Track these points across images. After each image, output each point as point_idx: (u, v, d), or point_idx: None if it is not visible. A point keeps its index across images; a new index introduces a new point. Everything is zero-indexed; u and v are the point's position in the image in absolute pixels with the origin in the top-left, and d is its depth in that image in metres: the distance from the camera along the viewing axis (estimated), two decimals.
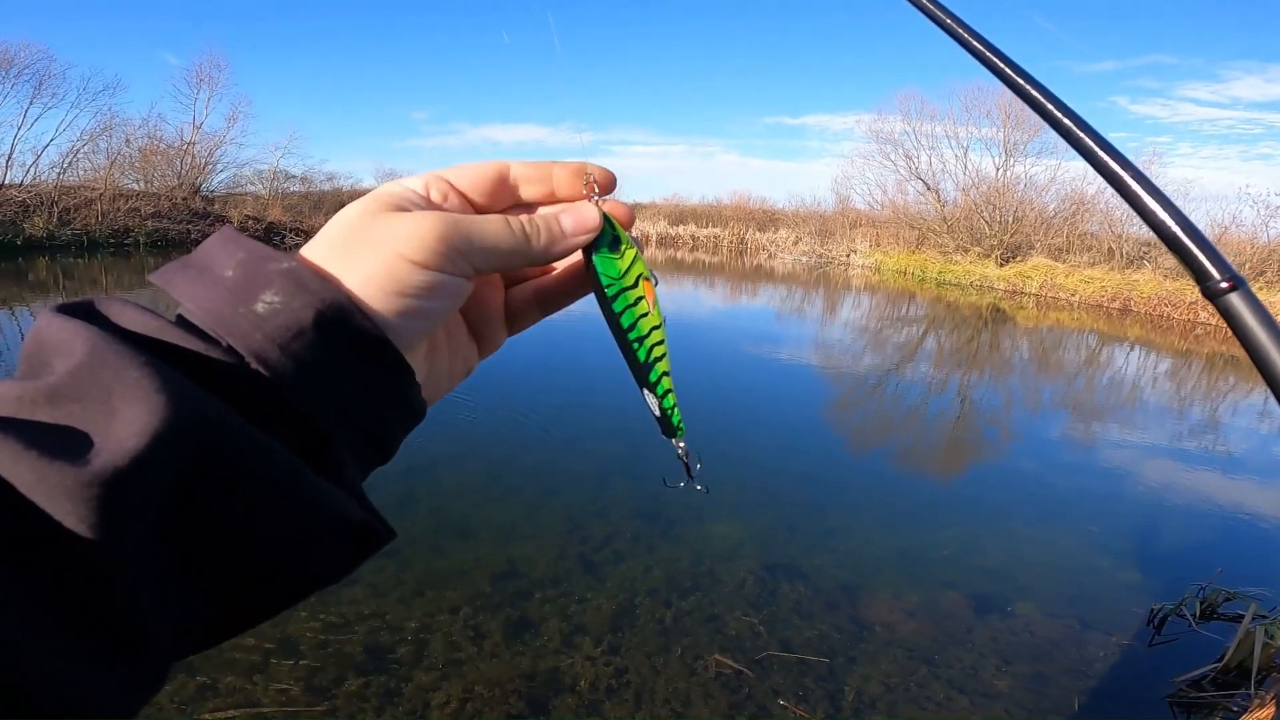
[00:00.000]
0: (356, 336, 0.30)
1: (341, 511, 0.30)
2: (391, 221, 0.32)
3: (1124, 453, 6.06)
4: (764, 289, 18.16)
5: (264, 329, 0.28)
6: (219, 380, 0.27)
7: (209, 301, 0.29)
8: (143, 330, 0.27)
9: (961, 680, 2.76)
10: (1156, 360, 11.08)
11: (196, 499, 0.26)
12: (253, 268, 0.29)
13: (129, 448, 0.23)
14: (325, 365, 0.29)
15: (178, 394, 0.25)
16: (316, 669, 2.52)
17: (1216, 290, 0.50)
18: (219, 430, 0.26)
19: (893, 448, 6.06)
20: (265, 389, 0.28)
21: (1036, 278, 18.68)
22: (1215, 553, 4.01)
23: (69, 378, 0.25)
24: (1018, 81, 0.65)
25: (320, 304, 0.29)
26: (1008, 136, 22.18)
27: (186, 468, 0.25)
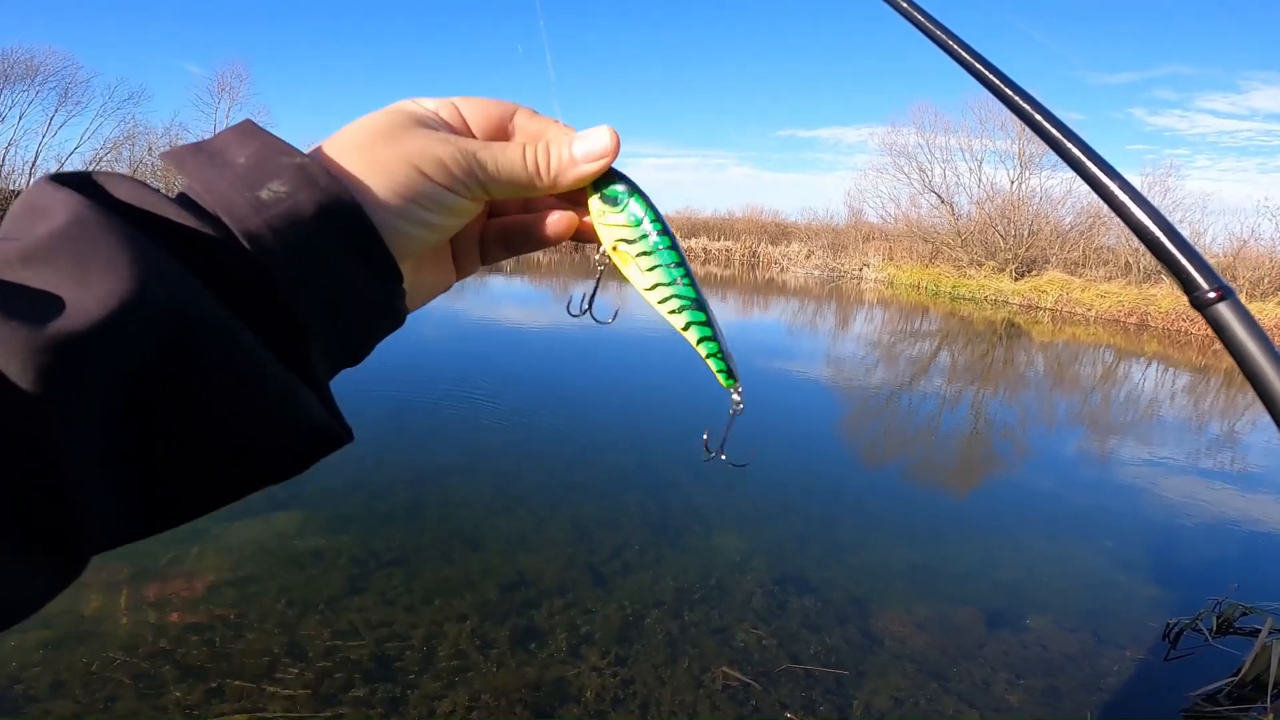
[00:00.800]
0: (355, 237, 0.30)
1: (302, 408, 0.29)
2: (418, 136, 0.33)
3: (1140, 468, 5.98)
4: (776, 303, 18.15)
5: (264, 214, 0.28)
6: (205, 260, 0.27)
7: (214, 183, 0.29)
8: (135, 202, 0.27)
9: (972, 694, 2.73)
10: (1174, 376, 10.95)
11: (155, 379, 0.25)
12: (265, 157, 0.30)
13: (92, 316, 0.23)
14: (318, 259, 0.29)
15: (153, 269, 0.25)
16: (323, 675, 2.53)
17: (1204, 300, 0.50)
18: (191, 311, 0.25)
19: (906, 462, 6.02)
20: (252, 273, 0.28)
21: (1052, 292, 18.55)
22: (1232, 567, 3.95)
23: (46, 240, 0.24)
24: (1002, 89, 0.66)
25: (325, 199, 0.29)
26: (1023, 149, 22.12)
27: (150, 345, 0.24)
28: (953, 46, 0.68)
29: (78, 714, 2.24)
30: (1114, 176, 0.56)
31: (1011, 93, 0.65)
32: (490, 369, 7.59)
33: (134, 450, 0.26)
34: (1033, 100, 0.64)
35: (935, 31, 0.70)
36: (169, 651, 2.56)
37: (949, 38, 0.69)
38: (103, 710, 2.28)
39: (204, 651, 2.59)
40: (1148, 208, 0.54)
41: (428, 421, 5.51)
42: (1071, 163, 0.60)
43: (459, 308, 11.50)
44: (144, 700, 2.34)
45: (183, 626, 2.71)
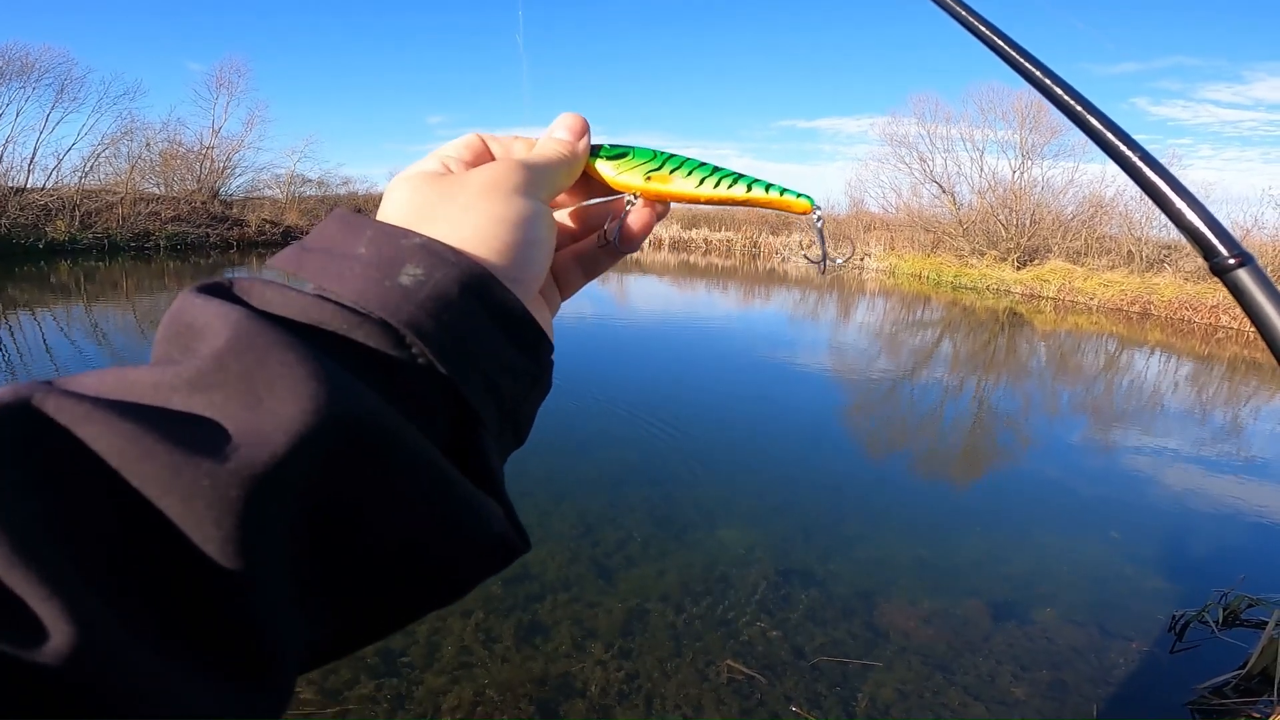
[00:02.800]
0: (499, 305, 0.29)
1: (486, 523, 0.28)
2: (477, 173, 0.33)
3: (1145, 458, 5.97)
4: (777, 293, 18.11)
5: (414, 300, 0.26)
6: (370, 362, 0.25)
7: (351, 279, 0.27)
8: (288, 311, 0.25)
9: (978, 687, 2.72)
10: (1177, 364, 10.92)
11: (340, 500, 0.23)
12: (386, 244, 0.28)
13: (275, 444, 0.21)
14: (473, 337, 0.28)
15: (329, 384, 0.23)
16: (329, 671, 2.52)
17: (1224, 266, 0.50)
18: (370, 424, 0.23)
19: (909, 453, 6.01)
20: (418, 367, 0.26)
21: (1054, 281, 18.49)
22: (1238, 559, 3.94)
23: (213, 362, 0.23)
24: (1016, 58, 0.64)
25: (462, 275, 0.28)
26: (1024, 139, 22.00)
27: (333, 466, 0.23)
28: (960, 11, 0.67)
29: None
30: (1133, 146, 0.56)
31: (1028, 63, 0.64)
32: None
33: (319, 578, 0.24)
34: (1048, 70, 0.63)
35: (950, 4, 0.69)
36: None
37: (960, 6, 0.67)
38: None
39: None
40: (1166, 175, 0.54)
41: None
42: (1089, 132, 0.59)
43: None
44: None
45: None
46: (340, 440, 0.23)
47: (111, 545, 0.20)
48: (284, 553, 0.22)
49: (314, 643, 0.25)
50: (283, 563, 0.22)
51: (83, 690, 0.18)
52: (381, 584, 0.26)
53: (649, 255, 27.59)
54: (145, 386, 0.22)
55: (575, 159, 0.37)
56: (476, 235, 0.30)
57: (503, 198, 0.31)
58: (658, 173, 0.40)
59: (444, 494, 0.26)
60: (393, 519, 0.25)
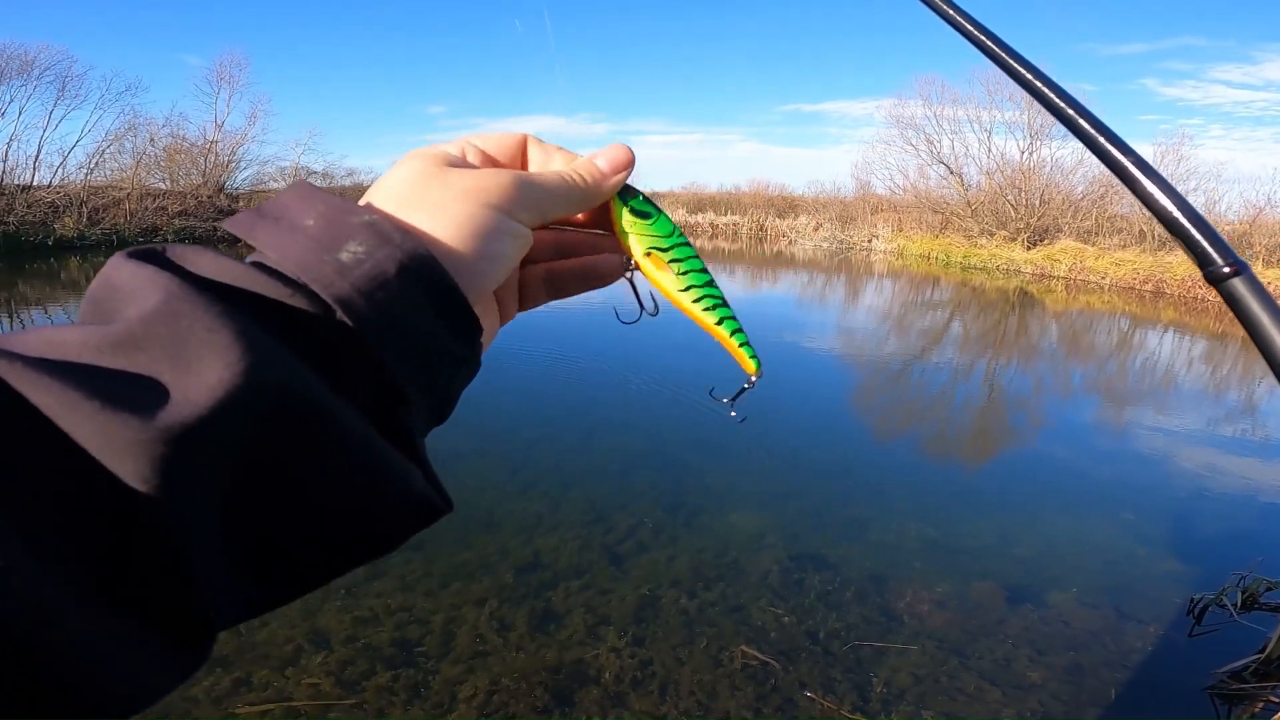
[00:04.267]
0: (437, 291, 0.29)
1: (405, 482, 0.29)
2: (468, 175, 0.33)
3: (1159, 439, 5.92)
4: (785, 275, 18.02)
5: (349, 277, 0.27)
6: (297, 331, 0.26)
7: (291, 249, 0.28)
8: (221, 277, 0.26)
9: (993, 672, 2.72)
10: (1191, 343, 10.82)
11: (263, 462, 0.24)
12: (334, 218, 0.29)
13: (200, 404, 0.22)
14: (406, 317, 0.28)
15: (254, 349, 0.24)
16: (346, 662, 2.54)
17: (1219, 275, 0.51)
18: (294, 390, 0.25)
19: (920, 435, 5.98)
20: (346, 341, 0.27)
21: (1065, 261, 18.32)
22: (1256, 541, 3.91)
23: (140, 325, 0.23)
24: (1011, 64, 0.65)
25: (404, 255, 0.28)
26: (1032, 119, 21.70)
27: (257, 429, 0.24)
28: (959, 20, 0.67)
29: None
30: (1126, 151, 0.56)
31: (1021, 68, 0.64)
32: (500, 351, 7.57)
33: (247, 534, 0.25)
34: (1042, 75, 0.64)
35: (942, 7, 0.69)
36: None
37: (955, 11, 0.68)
38: None
39: (230, 641, 2.60)
40: (1161, 182, 0.54)
41: None
42: (1083, 138, 0.59)
43: None
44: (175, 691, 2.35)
45: None
46: (264, 404, 0.24)
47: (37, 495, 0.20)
48: (211, 509, 0.23)
49: (241, 596, 0.26)
50: (210, 518, 0.23)
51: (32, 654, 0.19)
52: (309, 540, 0.27)
53: None
54: (74, 346, 0.23)
55: (590, 194, 0.38)
56: (444, 231, 0.31)
57: (480, 206, 0.32)
58: (660, 253, 0.41)
59: (366, 458, 0.27)
60: (318, 480, 0.26)
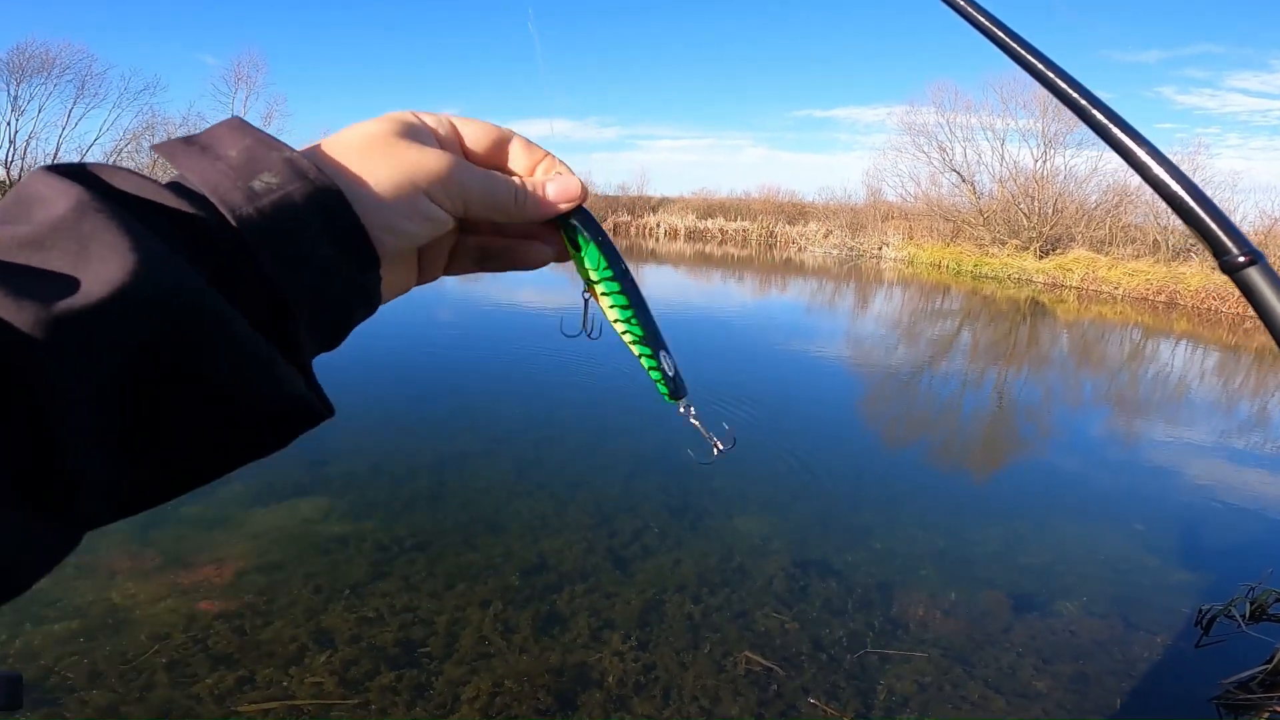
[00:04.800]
0: (342, 229, 0.32)
1: (287, 383, 0.31)
2: (413, 149, 0.35)
3: (1170, 450, 5.87)
4: (794, 282, 18.00)
5: (256, 203, 0.30)
6: (198, 244, 0.29)
7: (207, 173, 0.30)
8: (132, 190, 0.29)
9: (998, 680, 2.70)
10: (1204, 355, 10.73)
11: (151, 357, 0.26)
12: (258, 151, 0.31)
13: (94, 297, 0.24)
14: (305, 244, 0.31)
15: (150, 254, 0.26)
16: (350, 662, 2.56)
17: (1234, 264, 0.50)
18: (184, 292, 0.27)
19: (929, 443, 5.96)
20: (241, 256, 0.30)
21: (1078, 270, 18.22)
22: (1266, 552, 3.86)
23: (47, 228, 0.26)
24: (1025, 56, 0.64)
25: (314, 190, 0.31)
26: (1046, 128, 21.65)
27: (147, 325, 0.26)
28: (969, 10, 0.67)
29: (114, 704, 2.28)
30: (1141, 142, 0.55)
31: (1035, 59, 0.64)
32: (510, 354, 7.60)
33: (132, 424, 0.27)
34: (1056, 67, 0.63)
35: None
36: (199, 640, 2.60)
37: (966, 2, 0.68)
38: (138, 700, 2.32)
39: (234, 639, 2.62)
40: (1175, 172, 0.54)
41: (448, 406, 5.54)
42: (1097, 129, 0.59)
43: (477, 292, 11.52)
44: (177, 689, 2.37)
45: (212, 614, 2.75)
46: (154, 301, 0.26)
47: None
48: (96, 394, 0.25)
49: (118, 487, 0.28)
50: (94, 403, 0.25)
51: None
52: (194, 430, 0.29)
53: (665, 245, 27.53)
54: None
55: (522, 209, 0.40)
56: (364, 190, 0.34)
57: (406, 181, 0.35)
58: (592, 284, 0.43)
59: (249, 355, 0.29)
60: (202, 372, 0.28)
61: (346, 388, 5.67)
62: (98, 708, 2.26)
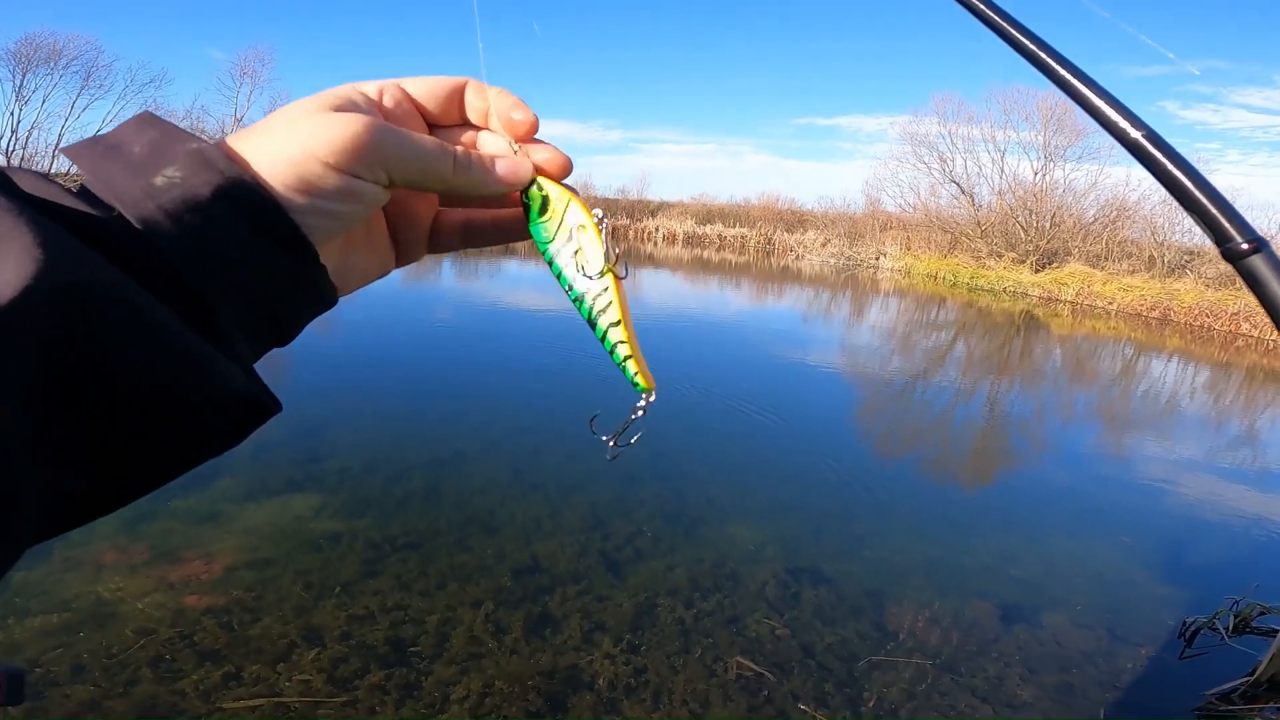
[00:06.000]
0: (259, 216, 0.31)
1: (221, 375, 0.30)
2: (317, 120, 0.33)
3: (1159, 465, 5.91)
4: (791, 290, 18.04)
5: (158, 199, 0.29)
6: (106, 246, 0.28)
7: (108, 173, 0.30)
8: (38, 194, 0.28)
9: (986, 690, 2.72)
10: (1195, 372, 10.80)
11: (68, 351, 0.25)
12: (161, 145, 0.30)
13: (5, 294, 0.23)
14: (219, 239, 0.30)
15: (56, 248, 0.25)
16: (340, 660, 2.56)
17: (1237, 252, 0.49)
18: (95, 283, 0.26)
19: (921, 454, 5.98)
20: (151, 257, 0.29)
21: (1073, 285, 18.31)
22: (1251, 567, 3.90)
23: None
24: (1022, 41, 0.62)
25: (222, 180, 0.30)
26: (1048, 140, 21.79)
27: (59, 319, 0.25)
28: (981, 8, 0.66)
29: (97, 698, 2.27)
30: (1139, 126, 0.54)
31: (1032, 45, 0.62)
32: (507, 354, 7.61)
33: (60, 428, 0.26)
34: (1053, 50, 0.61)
35: None
36: (186, 635, 2.60)
37: None
38: (121, 695, 2.32)
39: (221, 635, 2.62)
40: (1176, 158, 0.52)
41: (444, 406, 5.54)
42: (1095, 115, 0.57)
43: (473, 291, 11.52)
44: (162, 684, 2.37)
45: (200, 610, 2.74)
46: (67, 297, 0.25)
47: None
48: (19, 398, 0.24)
49: (55, 500, 0.27)
50: (18, 409, 0.24)
51: None
52: (126, 431, 0.28)
53: (663, 250, 27.56)
54: None
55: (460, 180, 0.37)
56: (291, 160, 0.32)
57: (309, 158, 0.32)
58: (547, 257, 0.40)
59: (176, 350, 0.28)
60: (126, 368, 0.27)
61: (343, 385, 5.67)
62: (80, 702, 2.25)
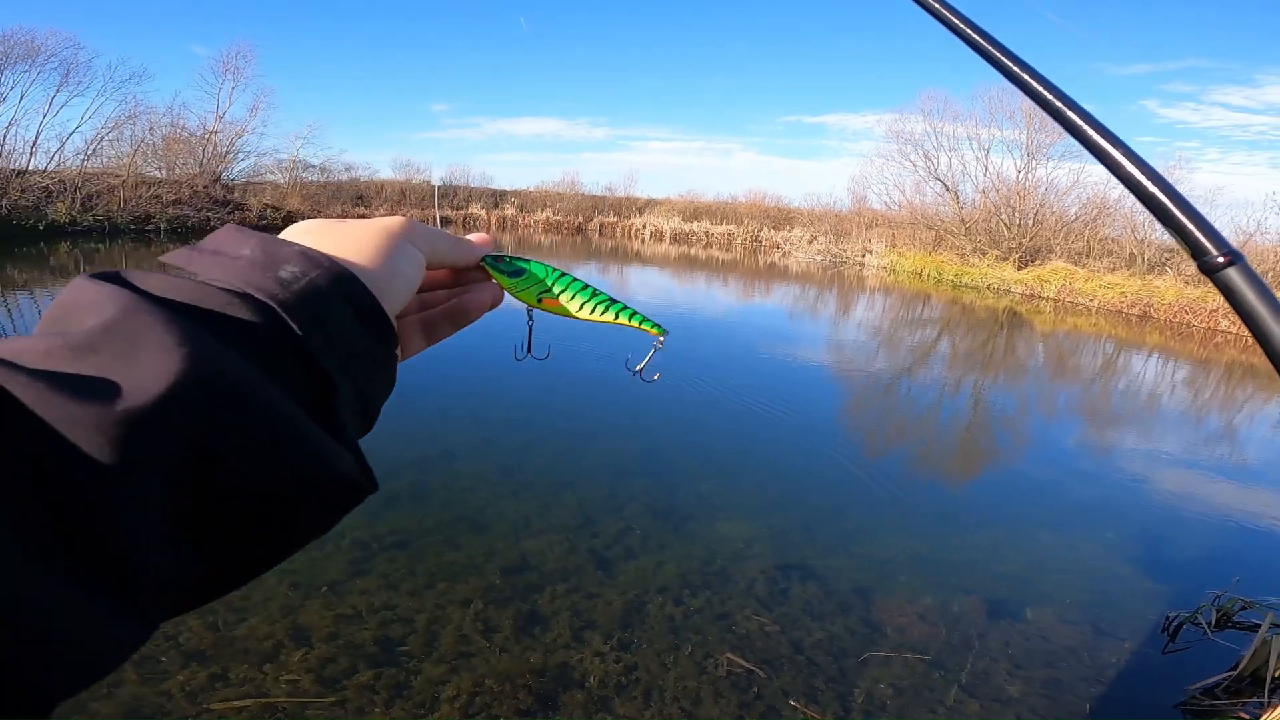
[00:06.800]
0: (361, 305, 0.35)
1: (337, 465, 0.32)
2: (365, 220, 0.40)
3: (1141, 460, 5.99)
4: (777, 287, 18.09)
5: (290, 289, 0.32)
6: (242, 336, 0.30)
7: (235, 271, 0.32)
8: (170, 294, 0.30)
9: (973, 684, 2.75)
10: (1175, 368, 10.94)
11: (208, 441, 0.27)
12: (270, 247, 0.34)
13: (151, 392, 0.25)
14: (337, 326, 0.33)
15: (198, 347, 0.27)
16: (328, 659, 2.54)
17: (1213, 265, 0.49)
18: (236, 383, 0.28)
19: (908, 451, 6.02)
20: (284, 341, 0.31)
21: (1055, 282, 18.50)
22: (1232, 561, 3.97)
23: (99, 331, 0.27)
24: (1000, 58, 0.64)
25: (333, 275, 0.34)
26: (1031, 139, 21.94)
27: (201, 413, 0.27)
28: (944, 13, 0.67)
29: (81, 701, 2.24)
30: (1117, 144, 0.55)
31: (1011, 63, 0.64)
32: (496, 352, 7.57)
33: (194, 508, 0.28)
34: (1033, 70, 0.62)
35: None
36: (171, 636, 2.57)
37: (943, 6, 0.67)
38: (106, 697, 2.29)
39: (207, 636, 2.59)
40: (1152, 174, 0.53)
41: (433, 404, 5.50)
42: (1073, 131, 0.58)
43: None
44: (147, 685, 2.34)
45: None
46: (208, 393, 0.27)
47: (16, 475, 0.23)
48: (160, 484, 0.26)
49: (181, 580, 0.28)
50: (159, 494, 0.26)
51: None
52: (248, 519, 0.30)
53: (650, 247, 27.55)
54: (36, 354, 0.26)
55: (461, 248, 0.46)
56: (355, 252, 0.37)
57: (383, 235, 0.39)
58: (548, 295, 0.49)
59: (300, 439, 0.30)
60: (256, 459, 0.29)
61: None
62: (62, 704, 2.22)
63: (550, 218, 32.76)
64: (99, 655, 0.26)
